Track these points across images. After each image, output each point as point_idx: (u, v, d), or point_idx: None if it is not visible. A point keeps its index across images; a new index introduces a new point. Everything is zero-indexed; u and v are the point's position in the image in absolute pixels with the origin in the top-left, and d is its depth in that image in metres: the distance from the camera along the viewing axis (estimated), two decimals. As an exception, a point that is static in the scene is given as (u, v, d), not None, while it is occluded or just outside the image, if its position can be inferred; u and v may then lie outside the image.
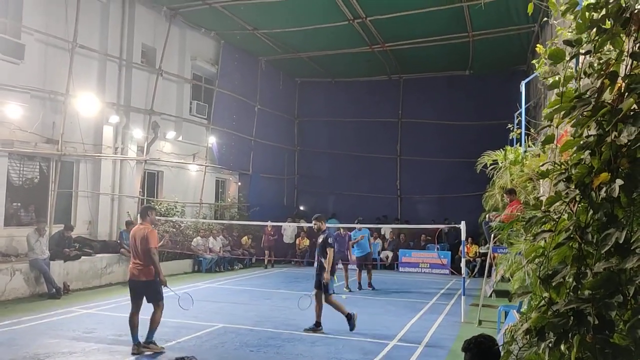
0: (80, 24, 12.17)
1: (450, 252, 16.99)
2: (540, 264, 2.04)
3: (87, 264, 11.73)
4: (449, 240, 17.87)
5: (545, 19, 8.50)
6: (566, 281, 1.91)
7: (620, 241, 1.71)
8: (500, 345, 2.64)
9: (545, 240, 2.06)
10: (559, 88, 2.10)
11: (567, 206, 2.00)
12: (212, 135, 16.86)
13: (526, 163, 8.69)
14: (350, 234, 13.14)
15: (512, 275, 6.21)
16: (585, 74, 2.11)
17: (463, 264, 9.85)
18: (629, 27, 1.90)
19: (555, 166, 2.18)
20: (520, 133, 9.69)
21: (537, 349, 1.88)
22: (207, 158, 16.82)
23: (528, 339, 1.95)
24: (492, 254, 9.26)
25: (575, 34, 2.17)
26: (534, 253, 2.12)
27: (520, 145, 9.92)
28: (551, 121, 2.28)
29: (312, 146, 21.99)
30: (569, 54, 2.22)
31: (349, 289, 12.50)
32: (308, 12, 14.57)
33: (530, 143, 9.32)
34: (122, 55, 13.82)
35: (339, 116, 21.34)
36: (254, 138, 19.08)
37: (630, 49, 1.91)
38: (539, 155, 7.78)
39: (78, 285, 11.35)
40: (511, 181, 9.09)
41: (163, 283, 6.78)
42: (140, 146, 14.31)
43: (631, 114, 1.82)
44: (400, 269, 17.15)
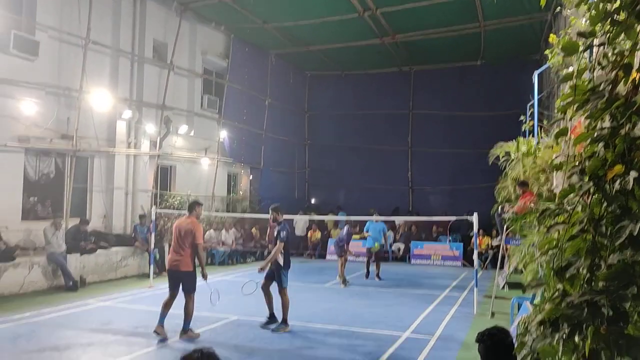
0: (93, 20, 12.28)
1: (462, 244, 16.95)
2: (553, 256, 2.05)
3: (103, 257, 11.91)
4: (461, 231, 17.77)
5: (559, 8, 8.39)
6: (580, 273, 1.92)
7: (635, 233, 1.72)
8: (514, 337, 2.66)
9: (558, 232, 2.07)
10: (573, 80, 2.10)
11: (581, 198, 2.01)
12: (224, 129, 16.93)
13: (539, 155, 8.62)
14: (350, 229, 12.91)
15: (525, 267, 6.19)
16: (599, 66, 2.10)
17: (475, 255, 9.83)
18: (644, 19, 1.89)
19: (569, 158, 2.19)
20: (532, 124, 9.62)
21: (551, 340, 1.89)
22: (219, 152, 16.91)
23: (542, 330, 1.97)
24: (505, 245, 9.23)
25: (589, 25, 2.16)
26: (547, 245, 2.13)
27: (533, 136, 9.85)
28: (564, 113, 2.28)
29: (323, 139, 21.98)
30: (583, 46, 2.21)
31: (347, 282, 12.18)
32: (317, 5, 14.52)
33: (543, 134, 9.24)
34: (134, 50, 13.92)
35: (349, 109, 21.29)
36: (264, 132, 19.12)
37: (644, 41, 1.90)
38: (552, 147, 7.72)
39: (94, 278, 11.53)
40: (524, 173, 9.02)
41: (205, 276, 7.25)
42: (153, 141, 14.43)
43: (645, 107, 1.82)
44: (412, 261, 17.15)
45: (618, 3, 2.01)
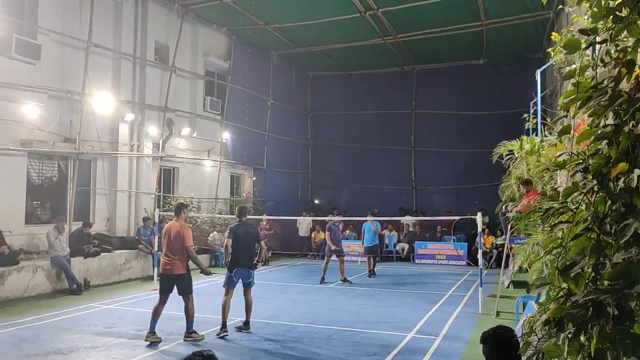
0: (95, 23, 12.30)
1: (466, 244, 16.91)
2: (558, 255, 2.03)
3: (107, 260, 11.93)
4: (465, 231, 17.75)
5: (561, 6, 8.36)
6: (585, 272, 1.90)
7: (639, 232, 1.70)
8: (519, 337, 2.63)
9: (562, 231, 2.05)
10: (575, 78, 2.08)
11: (585, 197, 1.99)
12: (226, 130, 16.95)
13: (543, 153, 8.58)
14: (342, 224, 13.62)
15: (530, 266, 6.16)
16: (602, 63, 2.08)
17: (480, 255, 9.80)
18: (646, 15, 1.87)
19: (573, 156, 2.16)
20: (536, 122, 9.57)
21: (556, 340, 1.87)
22: (222, 153, 16.91)
23: (547, 330, 1.95)
24: (509, 244, 9.19)
25: (591, 22, 2.14)
26: (551, 244, 2.11)
27: (536, 134, 9.80)
28: (567, 111, 2.25)
29: (326, 140, 21.95)
30: (585, 43, 2.19)
31: (349, 281, 12.59)
32: (319, 6, 14.51)
33: (546, 132, 9.20)
34: (136, 53, 13.94)
35: (352, 109, 21.25)
36: (267, 133, 19.12)
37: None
38: (556, 145, 7.68)
39: (98, 281, 11.55)
40: (527, 171, 8.98)
41: (207, 273, 7.45)
42: (156, 143, 14.45)
43: (649, 103, 1.80)
44: (417, 261, 17.12)
45: (620, -1, 1.99)
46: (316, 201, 22.07)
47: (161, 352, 6.59)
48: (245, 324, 7.60)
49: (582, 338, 1.80)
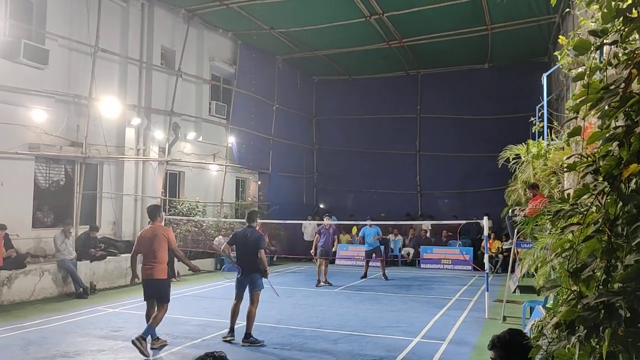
0: (102, 28, 12.41)
1: (472, 248, 16.84)
2: (568, 258, 2.02)
3: (113, 264, 11.95)
4: (470, 235, 17.67)
5: (567, 9, 8.35)
6: (596, 274, 1.89)
7: (652, 233, 1.69)
8: (527, 342, 2.61)
9: (573, 233, 2.03)
10: (585, 79, 2.07)
11: (595, 199, 1.97)
12: (232, 135, 16.99)
13: (549, 156, 8.55)
14: (334, 229, 13.87)
15: (537, 270, 6.12)
16: (611, 65, 2.08)
17: (486, 259, 9.76)
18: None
19: (582, 158, 2.15)
20: (542, 126, 9.55)
21: (567, 343, 1.86)
22: (227, 158, 16.96)
23: (557, 333, 1.94)
24: (516, 249, 9.14)
25: (601, 24, 2.14)
26: (561, 246, 2.09)
27: (542, 138, 9.77)
28: (577, 113, 2.24)
29: (331, 144, 21.97)
30: (594, 45, 2.19)
31: (329, 283, 12.91)
32: (324, 10, 14.55)
33: (553, 136, 9.17)
34: (142, 57, 14.03)
35: (356, 114, 21.27)
36: (272, 137, 19.16)
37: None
38: (563, 148, 7.65)
39: (104, 285, 11.58)
40: (534, 175, 8.95)
41: (196, 270, 7.60)
42: (162, 147, 14.52)
43: (661, 104, 1.79)
44: (422, 266, 17.06)
45: (630, 0, 1.98)
46: (321, 205, 22.06)
47: (168, 355, 6.59)
48: (246, 335, 7.11)
49: (594, 341, 1.79)
